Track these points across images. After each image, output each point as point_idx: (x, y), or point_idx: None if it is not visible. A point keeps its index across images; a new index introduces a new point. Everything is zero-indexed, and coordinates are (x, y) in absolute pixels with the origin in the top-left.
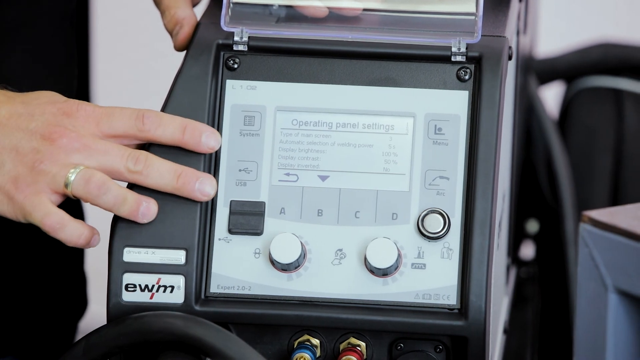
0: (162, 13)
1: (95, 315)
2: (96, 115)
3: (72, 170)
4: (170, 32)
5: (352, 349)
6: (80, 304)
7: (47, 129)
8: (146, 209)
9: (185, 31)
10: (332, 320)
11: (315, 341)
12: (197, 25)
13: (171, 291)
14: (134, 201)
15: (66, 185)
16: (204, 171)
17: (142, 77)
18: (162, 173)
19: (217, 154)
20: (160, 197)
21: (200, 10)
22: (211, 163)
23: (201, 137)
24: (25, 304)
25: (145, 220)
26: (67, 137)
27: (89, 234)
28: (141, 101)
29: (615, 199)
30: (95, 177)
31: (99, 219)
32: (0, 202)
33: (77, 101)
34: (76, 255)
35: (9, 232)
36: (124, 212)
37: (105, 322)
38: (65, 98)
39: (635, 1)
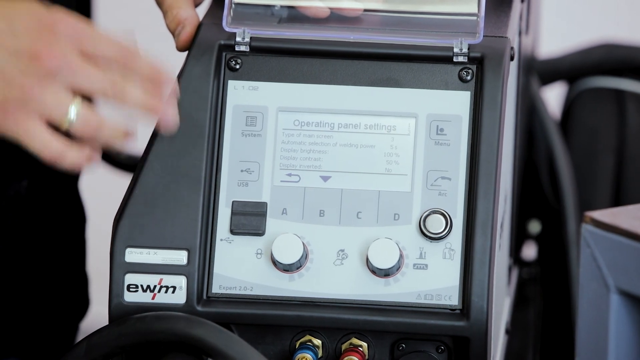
0: (165, 13)
1: (97, 316)
2: (80, 33)
3: (71, 108)
4: (173, 32)
5: (354, 349)
6: (82, 304)
7: (32, 49)
8: (165, 115)
9: (187, 31)
10: (334, 321)
11: (317, 341)
12: (199, 26)
13: (173, 292)
14: (154, 102)
15: (65, 122)
16: (205, 171)
17: None
18: (142, 93)
19: (219, 154)
20: (161, 198)
21: (202, 10)
22: (213, 163)
23: (161, 88)
24: (27, 304)
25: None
26: (53, 58)
27: (88, 155)
28: None
29: (617, 200)
30: (93, 119)
31: (100, 219)
32: None
33: (60, 14)
34: (78, 255)
35: (10, 233)
36: (118, 144)
37: (106, 323)
38: (44, 8)
39: (637, 2)
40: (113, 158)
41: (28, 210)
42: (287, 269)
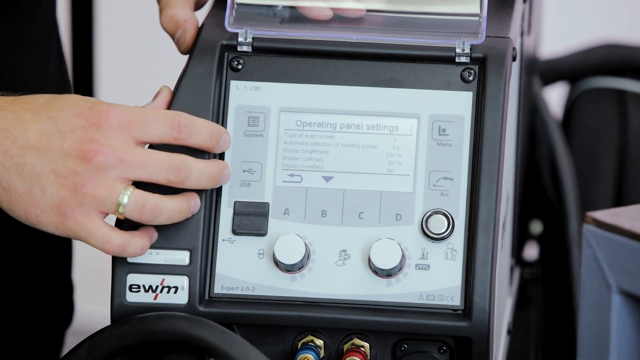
0: (160, 11)
1: (99, 317)
2: (128, 122)
3: (122, 194)
4: (170, 33)
5: (356, 349)
6: (67, 312)
7: (81, 148)
8: (194, 206)
9: (190, 35)
10: (336, 321)
11: (319, 342)
12: (201, 26)
13: (175, 292)
14: (186, 209)
15: (118, 209)
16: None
17: (145, 78)
18: (201, 179)
19: (221, 154)
20: None
21: (204, 11)
22: None
23: (220, 141)
24: (12, 313)
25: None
26: (102, 154)
27: (149, 239)
28: (144, 102)
29: (619, 200)
30: (148, 203)
31: None
32: (48, 225)
33: (104, 106)
34: (63, 263)
35: (2, 241)
36: (178, 220)
37: (109, 323)
38: (89, 102)
39: (638, 2)
40: None
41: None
42: (289, 269)
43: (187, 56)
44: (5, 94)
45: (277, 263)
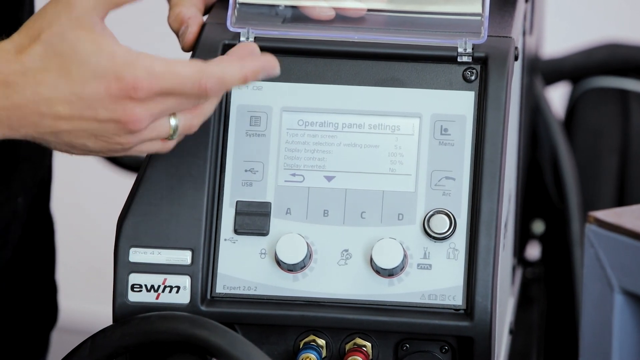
0: (169, 10)
1: (101, 316)
2: (157, 93)
3: (172, 124)
4: (175, 31)
5: (358, 349)
6: (52, 313)
7: (120, 119)
8: (266, 69)
9: (192, 32)
10: (338, 321)
11: (321, 341)
12: (203, 26)
13: (177, 291)
14: (252, 69)
15: (172, 137)
16: (209, 171)
17: None
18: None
19: (224, 154)
20: (165, 198)
21: None
22: (217, 163)
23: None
24: None
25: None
26: (144, 122)
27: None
28: None
29: (621, 200)
30: (194, 125)
31: (103, 220)
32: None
33: (128, 75)
34: (47, 264)
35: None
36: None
37: (111, 323)
38: (111, 70)
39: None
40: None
41: (23, 226)
42: (291, 269)
43: (188, 55)
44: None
45: (279, 263)
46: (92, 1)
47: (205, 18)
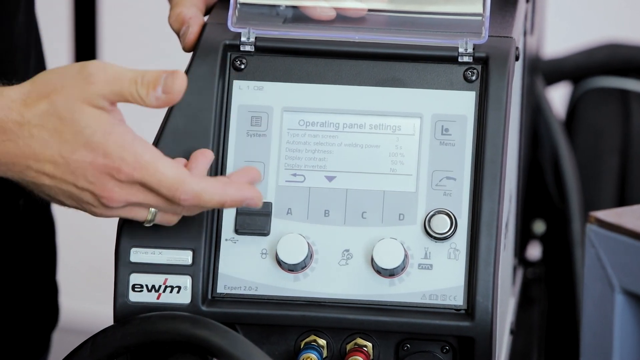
0: (170, 10)
1: (103, 316)
2: (137, 180)
3: (149, 216)
4: (176, 31)
5: (359, 349)
6: (53, 314)
7: (95, 192)
8: (250, 200)
9: (193, 32)
10: (339, 321)
11: (322, 341)
12: (204, 26)
13: (178, 291)
14: (233, 197)
15: (148, 223)
16: (210, 171)
17: None
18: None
19: (224, 154)
20: None
21: None
22: (218, 163)
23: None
24: None
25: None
26: (117, 202)
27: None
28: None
29: (622, 200)
30: (172, 221)
31: (104, 220)
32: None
33: (116, 156)
34: (48, 265)
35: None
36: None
37: (112, 323)
38: (101, 145)
39: None
40: None
41: (24, 226)
42: (292, 269)
43: (189, 56)
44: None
45: (279, 263)
46: (109, 87)
47: (206, 18)
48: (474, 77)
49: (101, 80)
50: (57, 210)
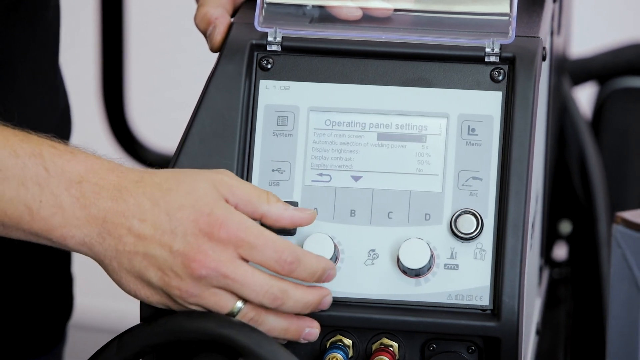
0: (196, 9)
1: (125, 313)
2: (238, 240)
3: (235, 309)
4: (202, 31)
5: (385, 349)
6: (67, 305)
7: (189, 255)
8: (308, 335)
9: (220, 32)
10: (365, 321)
11: (348, 341)
12: (231, 26)
13: None
14: (295, 331)
15: (230, 313)
16: (237, 171)
17: (175, 78)
18: (295, 307)
19: (251, 153)
20: None
21: None
22: (244, 163)
23: (323, 277)
24: (12, 307)
25: (305, 341)
26: (206, 268)
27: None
28: (174, 102)
29: None
30: (256, 320)
31: None
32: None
33: (220, 219)
34: (63, 257)
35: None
36: (283, 339)
37: (137, 320)
38: (209, 207)
39: None
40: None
41: None
42: None
43: (215, 56)
44: (133, 170)
45: None
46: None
47: (232, 19)
48: (500, 77)
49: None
50: None
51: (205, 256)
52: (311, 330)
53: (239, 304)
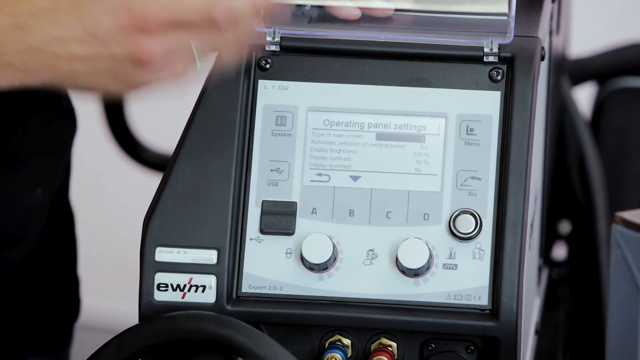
0: None
1: (128, 314)
2: (165, 20)
3: (196, 61)
4: None
5: (383, 349)
6: (74, 307)
7: (132, 56)
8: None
9: None
10: (364, 321)
11: (347, 341)
12: None
13: (203, 291)
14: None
15: (196, 69)
16: (235, 170)
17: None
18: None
19: (249, 153)
20: (191, 197)
21: None
22: (243, 163)
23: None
24: (19, 309)
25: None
26: (155, 57)
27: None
28: (172, 102)
29: None
30: (218, 47)
31: (126, 220)
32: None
33: (140, 7)
34: (69, 258)
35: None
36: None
37: (137, 321)
38: (122, 3)
39: None
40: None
41: (42, 218)
42: (316, 268)
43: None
44: None
45: (304, 262)
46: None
47: None
48: (499, 77)
49: None
50: (82, 210)
51: (148, 48)
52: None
53: (193, 46)
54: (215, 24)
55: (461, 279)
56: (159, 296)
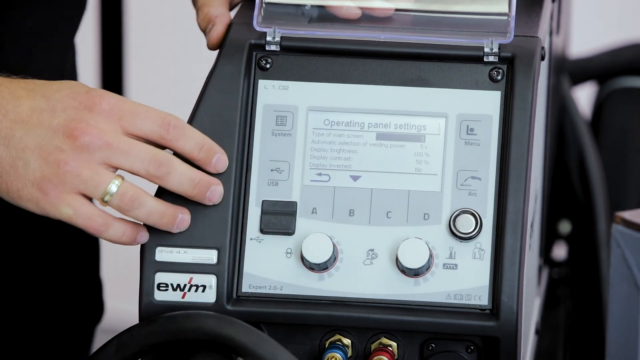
0: (197, 11)
1: (126, 314)
2: (120, 111)
3: (111, 183)
4: (203, 30)
5: (384, 349)
6: (97, 309)
7: (69, 126)
8: (181, 221)
9: (218, 29)
10: (364, 320)
11: (347, 341)
12: (230, 25)
13: (203, 290)
14: (170, 215)
15: (104, 197)
16: (236, 170)
17: (174, 78)
18: (181, 181)
19: (249, 153)
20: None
21: (233, 12)
22: (243, 162)
23: (212, 158)
24: (42, 311)
25: (178, 231)
26: (89, 135)
27: (133, 231)
28: (173, 102)
29: None
30: (129, 192)
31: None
32: (28, 201)
33: (99, 92)
34: (92, 261)
35: (24, 240)
36: (159, 225)
37: (136, 321)
38: (87, 88)
39: None
40: None
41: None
42: (316, 268)
43: (215, 57)
44: (6, 75)
45: (304, 262)
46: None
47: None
48: (499, 77)
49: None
50: None
51: (87, 125)
52: (183, 216)
53: (117, 181)
54: (166, 132)
55: (461, 278)
56: (159, 296)
